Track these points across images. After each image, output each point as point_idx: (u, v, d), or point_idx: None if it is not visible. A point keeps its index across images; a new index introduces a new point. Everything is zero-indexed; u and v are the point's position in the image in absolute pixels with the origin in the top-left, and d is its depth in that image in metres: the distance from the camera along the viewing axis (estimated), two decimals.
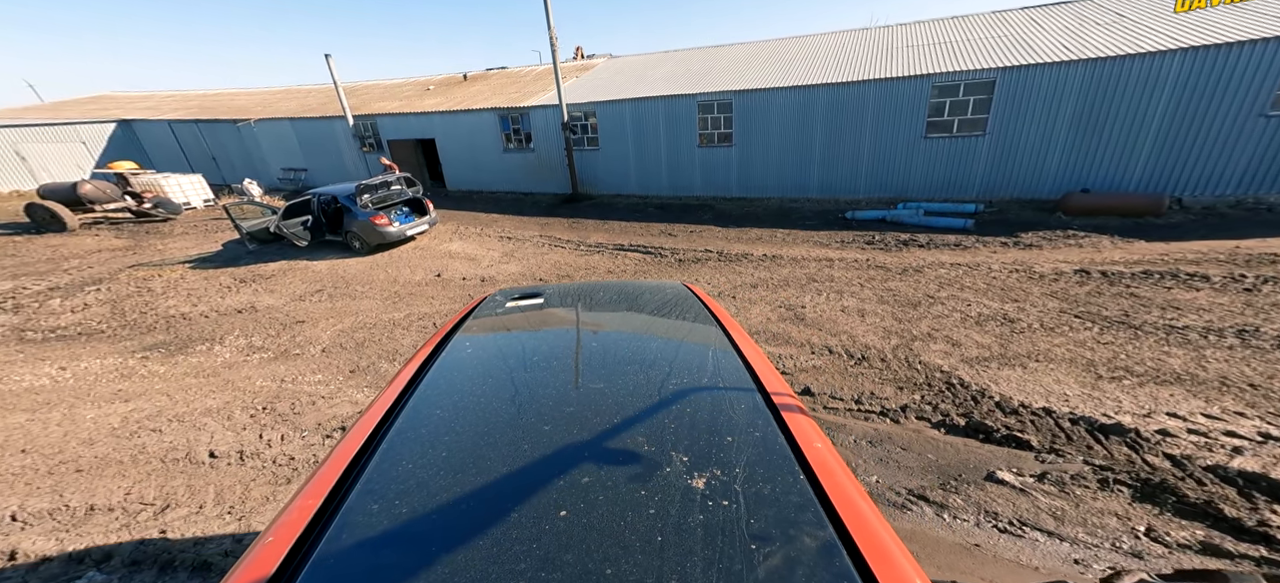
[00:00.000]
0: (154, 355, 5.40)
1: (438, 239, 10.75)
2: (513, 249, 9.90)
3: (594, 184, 14.61)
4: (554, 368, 1.40)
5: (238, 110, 20.26)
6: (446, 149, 16.19)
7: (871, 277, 6.83)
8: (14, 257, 8.98)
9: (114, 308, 6.74)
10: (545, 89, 15.66)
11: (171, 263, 9.02)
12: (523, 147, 15.05)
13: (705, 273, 7.78)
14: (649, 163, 13.68)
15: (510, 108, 14.68)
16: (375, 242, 9.55)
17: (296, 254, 9.60)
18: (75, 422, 3.91)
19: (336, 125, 17.13)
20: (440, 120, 15.75)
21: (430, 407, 1.21)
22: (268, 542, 0.82)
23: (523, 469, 0.96)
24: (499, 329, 1.75)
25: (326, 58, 15.35)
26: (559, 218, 12.51)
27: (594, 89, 14.92)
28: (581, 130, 14.22)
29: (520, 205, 14.19)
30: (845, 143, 11.01)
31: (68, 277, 7.93)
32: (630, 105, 13.23)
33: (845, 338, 5.12)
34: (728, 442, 1.02)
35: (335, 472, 0.98)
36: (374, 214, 9.37)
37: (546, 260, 9.14)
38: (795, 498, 0.86)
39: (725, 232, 10.25)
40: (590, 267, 8.68)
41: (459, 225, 11.91)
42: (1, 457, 3.36)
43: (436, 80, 21.15)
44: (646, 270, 8.29)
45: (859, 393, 4.10)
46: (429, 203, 10.76)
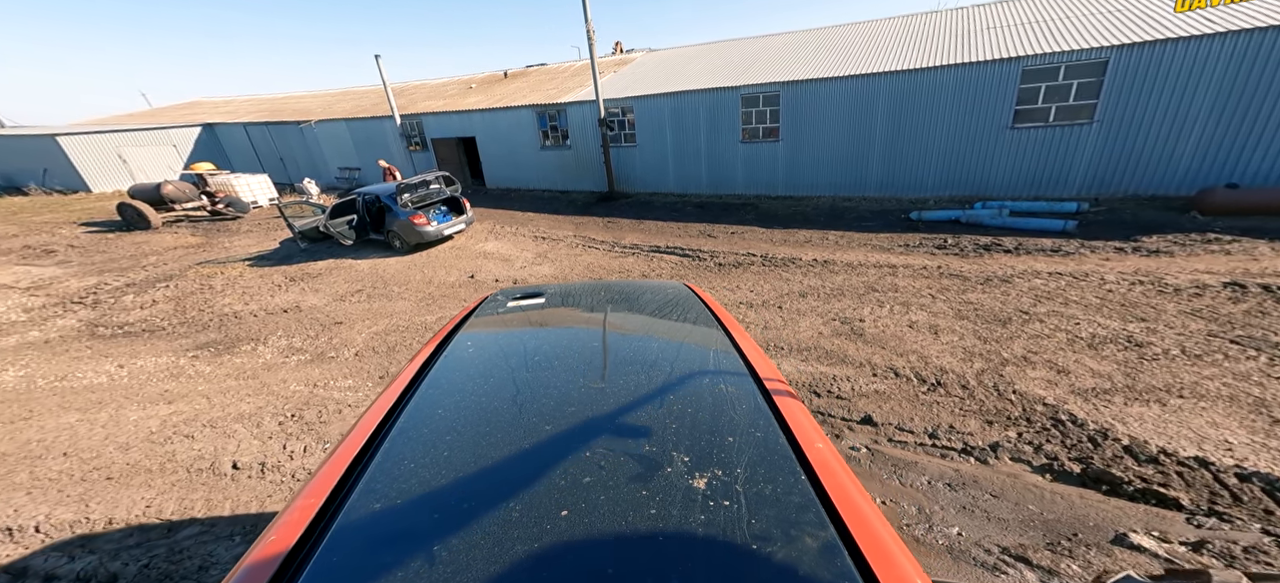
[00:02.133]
0: (203, 355, 5.56)
1: (474, 238, 10.76)
2: (547, 250, 9.69)
3: (631, 182, 14.20)
4: (555, 368, 1.39)
5: (302, 112, 21.62)
6: (486, 147, 16.37)
7: (944, 287, 5.95)
8: (103, 253, 9.86)
9: (177, 305, 7.12)
10: (582, 85, 15.41)
11: (234, 261, 9.54)
12: (559, 144, 14.89)
13: (747, 279, 7.14)
14: (688, 160, 13.07)
15: (547, 104, 14.55)
16: (414, 241, 9.65)
17: (343, 252, 9.89)
18: (119, 424, 3.98)
19: (386, 125, 17.80)
20: (480, 118, 15.92)
21: (432, 406, 1.21)
22: (270, 540, 0.82)
23: (524, 469, 0.96)
24: (500, 329, 1.75)
25: (376, 59, 15.91)
26: (594, 217, 12.22)
27: (631, 84, 14.48)
28: (618, 126, 13.84)
29: (556, 204, 14.05)
30: (911, 136, 9.90)
31: (144, 273, 8.55)
32: (669, 100, 12.68)
33: (914, 358, 4.40)
34: (729, 442, 1.01)
35: (337, 471, 0.97)
36: (413, 214, 9.46)
37: (579, 262, 8.84)
38: (796, 498, 0.86)
39: (770, 233, 9.51)
40: (624, 270, 8.27)
41: (495, 224, 11.91)
42: (45, 459, 3.42)
43: (478, 79, 21.55)
44: (683, 275, 7.76)
45: (934, 425, 3.48)
46: (466, 202, 10.78)
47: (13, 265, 8.65)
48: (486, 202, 14.76)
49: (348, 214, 9.87)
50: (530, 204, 14.27)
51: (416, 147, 17.83)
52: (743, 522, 0.81)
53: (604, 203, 13.51)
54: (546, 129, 14.98)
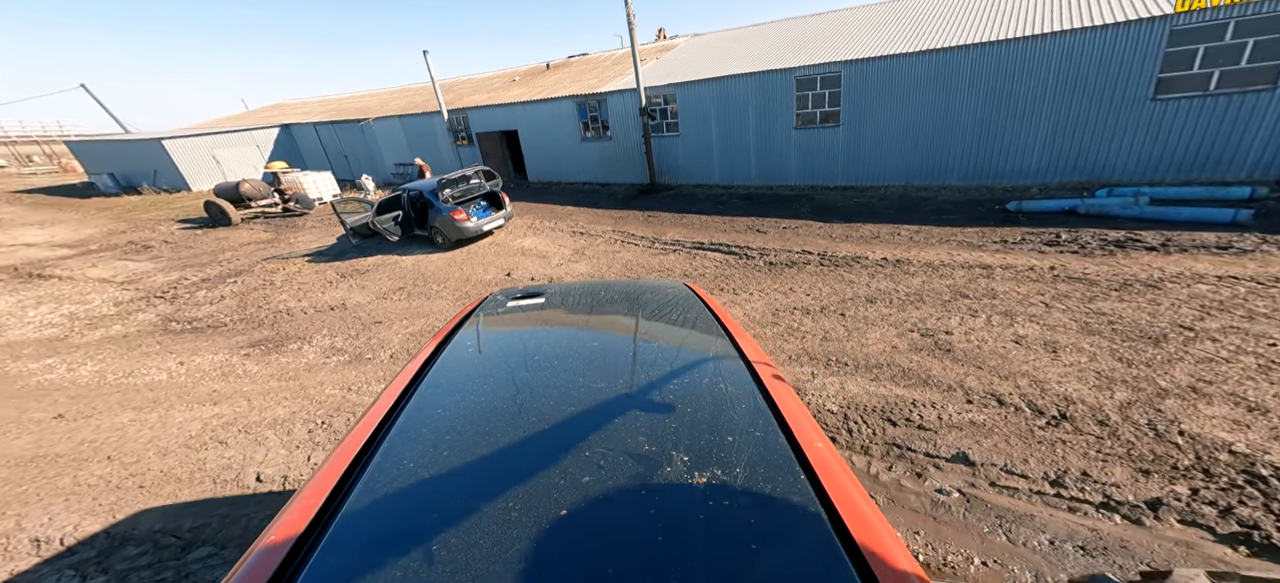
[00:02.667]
0: (254, 353, 5.73)
1: (513, 234, 10.66)
2: (584, 246, 9.35)
3: (673, 174, 13.54)
4: (555, 367, 1.39)
5: (363, 110, 22.88)
6: (528, 140, 16.34)
7: (1063, 293, 4.88)
8: (189, 249, 10.81)
9: (241, 302, 7.52)
10: (623, 73, 14.86)
11: (295, 256, 10.08)
12: (600, 135, 14.50)
13: (802, 281, 6.35)
14: (735, 149, 12.18)
15: (587, 94, 14.16)
16: (455, 237, 9.67)
17: (391, 248, 10.13)
18: (164, 426, 4.07)
19: (434, 120, 18.32)
20: (522, 111, 15.89)
21: (432, 406, 1.21)
22: (271, 540, 0.82)
23: (524, 468, 0.96)
24: (500, 329, 1.76)
25: (424, 55, 16.29)
26: (635, 211, 11.72)
27: (674, 70, 13.72)
28: (660, 116, 13.17)
29: (596, 197, 13.71)
30: (1008, 114, 8.48)
31: (218, 269, 9.21)
32: (714, 85, 11.81)
33: (1026, 383, 3.58)
34: (728, 441, 1.02)
35: (337, 471, 0.97)
36: (453, 210, 9.46)
37: (618, 259, 8.40)
38: (796, 498, 0.85)
39: (829, 228, 8.53)
40: (665, 268, 7.72)
41: (534, 219, 11.76)
42: (91, 462, 3.50)
43: (522, 71, 21.64)
44: (729, 275, 7.08)
45: (1058, 470, 2.80)
46: (505, 197, 10.68)
47: (115, 260, 9.67)
48: (527, 196, 14.74)
49: (394, 210, 10.08)
50: (570, 198, 14.04)
51: (463, 141, 18.21)
52: (742, 522, 0.81)
53: (645, 196, 12.98)
54: (587, 120, 14.63)
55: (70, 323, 6.42)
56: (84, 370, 5.04)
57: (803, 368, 4.36)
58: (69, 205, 17.21)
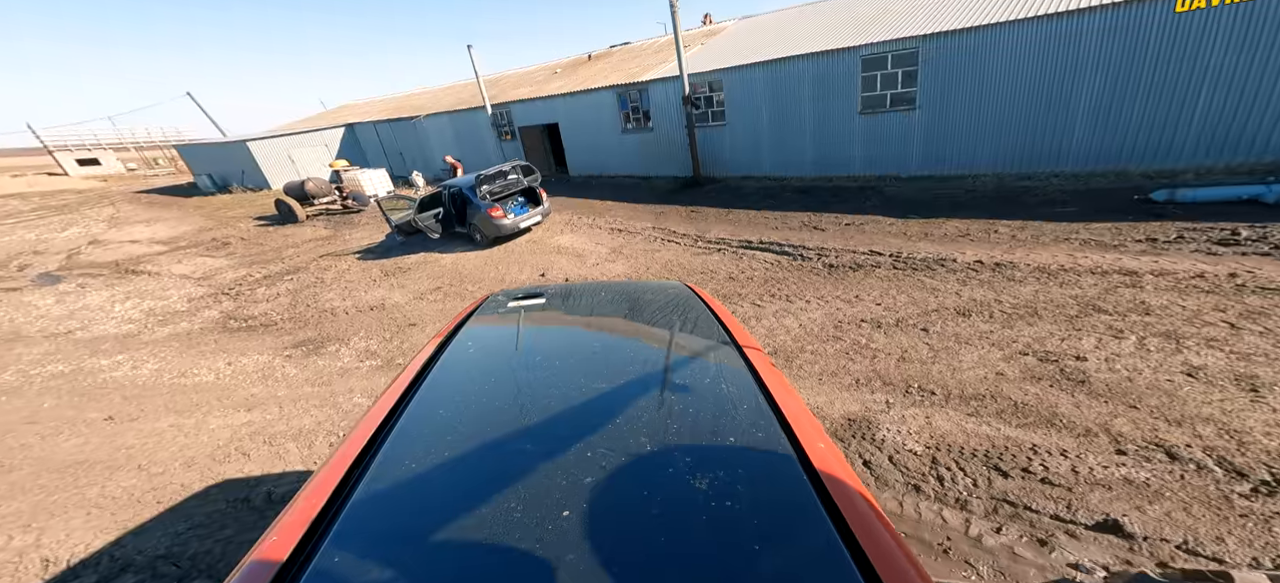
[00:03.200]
0: (295, 356, 5.80)
1: (550, 231, 10.39)
2: (622, 244, 8.85)
3: (719, 166, 12.66)
4: (556, 368, 1.39)
5: (416, 107, 23.85)
6: (568, 132, 16.09)
7: (1256, 310, 3.75)
8: (259, 246, 11.61)
9: (293, 300, 7.80)
10: (666, 61, 14.08)
11: (347, 253, 10.47)
12: (641, 126, 13.88)
13: (872, 287, 5.45)
14: (789, 138, 11.09)
15: (627, 84, 13.57)
16: (492, 234, 9.55)
17: (432, 246, 10.23)
18: (197, 433, 4.09)
19: (479, 116, 18.59)
20: (562, 103, 15.62)
21: (433, 406, 1.21)
22: (271, 541, 0.82)
23: (525, 469, 0.96)
24: (501, 329, 1.75)
25: (468, 49, 16.46)
26: (677, 206, 11.05)
27: (721, 55, 12.75)
28: (705, 104, 12.30)
29: (636, 191, 13.16)
30: (1151, 84, 6.89)
31: (279, 266, 9.74)
32: (765, 70, 10.77)
33: (1212, 432, 2.73)
34: (730, 442, 1.01)
35: (339, 471, 0.97)
36: (491, 207, 9.31)
37: (657, 259, 7.83)
38: (798, 498, 0.85)
39: (902, 224, 7.42)
40: (707, 270, 7.04)
41: (572, 215, 11.44)
42: (123, 471, 3.52)
43: (563, 63, 21.43)
44: (782, 279, 6.29)
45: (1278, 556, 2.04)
46: (543, 193, 10.42)
47: (196, 257, 10.56)
48: (567, 190, 14.49)
49: (435, 208, 10.14)
50: (610, 192, 13.60)
51: (507, 136, 18.34)
52: (744, 522, 0.80)
53: (688, 190, 12.24)
54: (627, 111, 14.06)
55: (146, 319, 6.92)
56: (145, 369, 5.29)
57: (873, 394, 3.60)
58: (174, 204, 19.38)
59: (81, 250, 11.44)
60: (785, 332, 4.89)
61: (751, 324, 5.24)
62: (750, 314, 5.47)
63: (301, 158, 23.68)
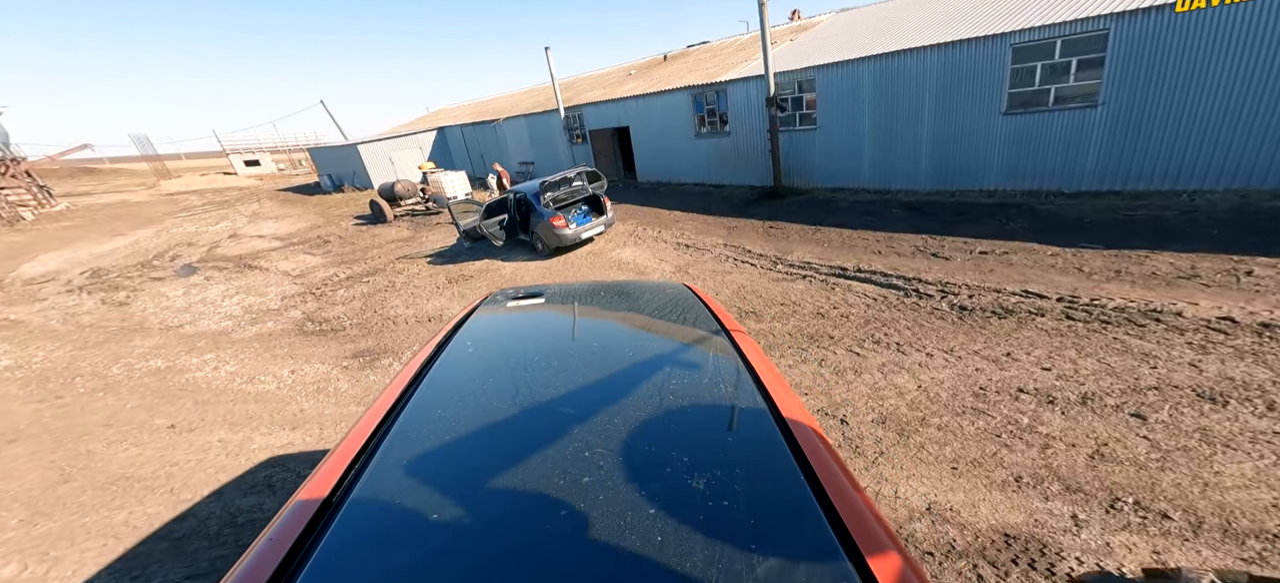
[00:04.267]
0: (351, 367, 5.74)
1: (612, 242, 9.77)
2: (689, 262, 7.91)
3: (805, 174, 11.14)
4: (555, 367, 1.39)
5: (496, 111, 25.03)
6: (638, 136, 15.48)
7: None
8: (352, 245, 12.56)
9: (364, 304, 8.04)
10: (748, 60, 12.79)
11: (421, 256, 10.82)
12: (716, 130, 12.78)
13: (1032, 341, 4.05)
14: (898, 144, 9.32)
15: (704, 85, 12.53)
16: (553, 244, 9.16)
17: (496, 253, 10.16)
18: (239, 454, 4.00)
19: (553, 119, 18.77)
20: (634, 105, 15.03)
21: (432, 406, 1.21)
22: (270, 540, 0.81)
23: (523, 469, 0.96)
24: (500, 328, 1.76)
25: (546, 51, 16.54)
26: (753, 219, 9.83)
27: (813, 51, 11.19)
28: (792, 106, 10.85)
29: (708, 201, 12.11)
30: None
31: (361, 267, 10.31)
32: (871, 65, 9.12)
33: None
34: (728, 442, 1.03)
35: (337, 471, 0.96)
36: (553, 215, 8.92)
37: (727, 283, 6.78)
38: (795, 498, 0.86)
39: (1074, 256, 5.63)
40: (789, 301, 5.87)
41: (637, 226, 10.73)
42: (154, 495, 3.43)
43: (638, 64, 20.93)
44: (891, 320, 4.99)
45: None
46: (608, 201, 9.83)
47: (299, 254, 11.65)
48: (635, 197, 13.86)
49: (500, 214, 10.03)
50: (679, 201, 12.70)
51: (578, 139, 18.29)
52: (742, 522, 0.81)
53: (766, 201, 10.92)
54: (702, 114, 13.03)
55: (242, 315, 7.49)
56: (223, 371, 5.50)
57: (1049, 503, 2.47)
58: (300, 202, 22.29)
59: (220, 244, 13.28)
60: (897, 394, 3.64)
61: (846, 378, 4.05)
62: (845, 364, 4.26)
63: (399, 160, 26.02)
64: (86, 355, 5.93)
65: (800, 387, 4.08)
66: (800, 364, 4.46)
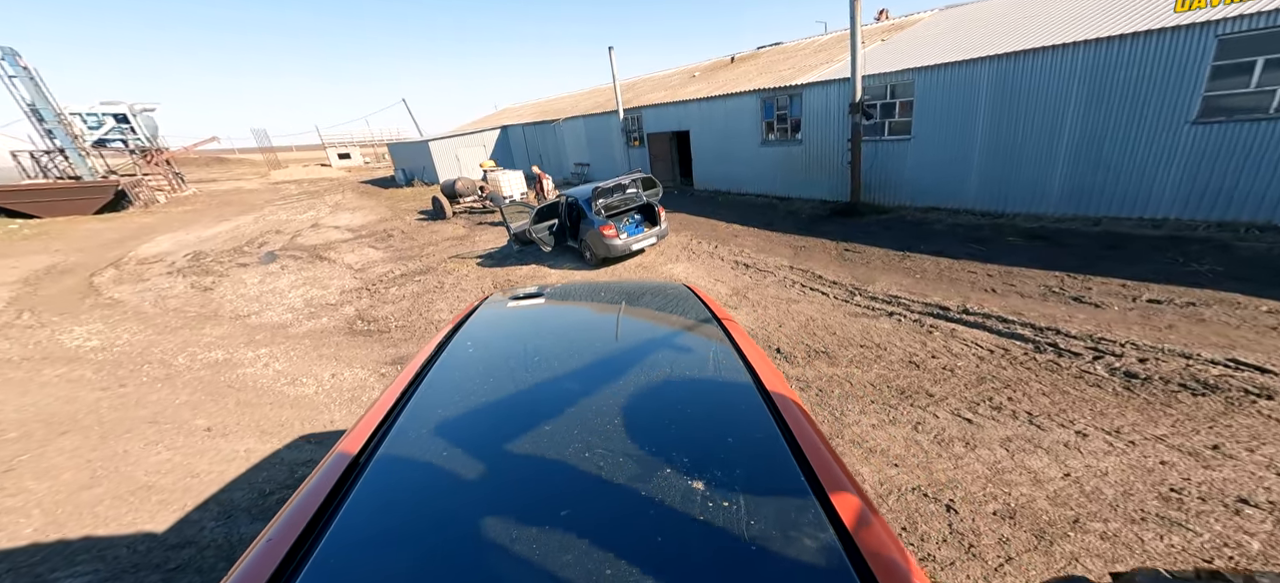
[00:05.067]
0: (388, 374, 5.55)
1: (663, 255, 9.09)
2: (749, 285, 7.03)
3: (890, 190, 9.76)
4: (555, 368, 1.40)
5: (557, 111, 25.32)
6: (699, 141, 14.67)
7: None
8: (411, 241, 12.96)
9: (412, 305, 8.00)
10: (828, 62, 11.53)
11: (472, 257, 10.82)
12: (786, 138, 11.65)
13: (1267, 436, 2.81)
14: (1023, 158, 7.83)
15: (776, 88, 11.45)
16: (601, 254, 8.66)
17: (544, 259, 9.85)
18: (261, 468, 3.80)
19: (612, 120, 18.45)
20: (696, 109, 14.24)
21: (432, 406, 1.21)
22: (270, 540, 0.81)
23: (524, 469, 0.97)
24: (501, 329, 1.77)
25: (609, 50, 16.22)
26: (824, 238, 8.70)
27: (911, 51, 9.78)
28: (881, 113, 9.51)
29: (771, 215, 11.04)
30: None
31: (415, 264, 10.48)
32: (992, 67, 7.71)
33: None
34: (728, 442, 1.03)
35: (337, 471, 0.96)
36: (604, 224, 8.41)
37: (794, 315, 5.85)
38: (795, 498, 0.86)
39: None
40: (872, 342, 4.92)
41: (691, 239, 9.95)
42: (164, 513, 3.21)
43: (703, 66, 20.06)
44: (1018, 383, 4.05)
45: None
46: (662, 212, 9.15)
47: (365, 247, 12.18)
48: (690, 206, 13.07)
49: (551, 219, 9.72)
50: (738, 213, 11.73)
51: (636, 142, 17.83)
52: (742, 522, 0.81)
53: (841, 218, 9.69)
54: (771, 119, 11.96)
55: (303, 308, 7.71)
56: (271, 370, 5.51)
57: None
58: (376, 195, 23.95)
59: (302, 232, 14.34)
60: (1032, 481, 2.80)
61: (953, 451, 3.26)
62: (951, 432, 3.42)
63: (464, 157, 27.16)
64: (161, 342, 6.26)
65: (889, 455, 3.27)
66: (887, 425, 3.61)
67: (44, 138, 21.70)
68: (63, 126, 21.57)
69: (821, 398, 4.15)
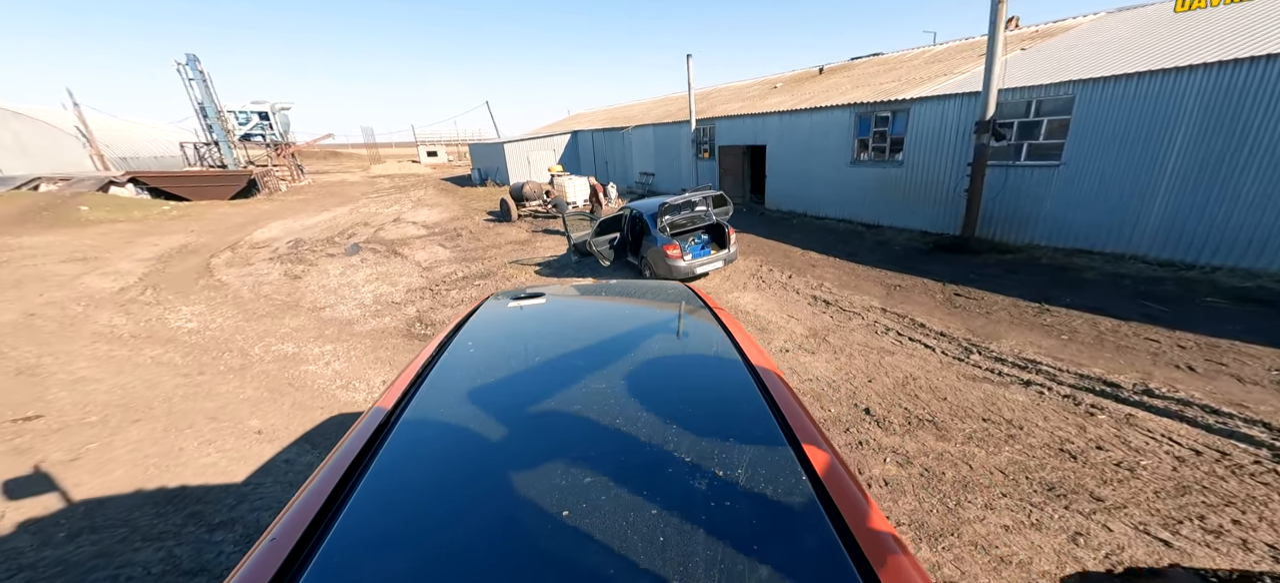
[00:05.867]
0: None
1: (729, 280, 8.25)
2: (830, 326, 6.01)
3: (1018, 225, 8.13)
4: (557, 368, 1.40)
5: (627, 118, 25.29)
6: (775, 157, 13.56)
7: None
8: (477, 242, 13.26)
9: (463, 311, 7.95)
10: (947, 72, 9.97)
11: (530, 264, 10.75)
12: (882, 158, 10.26)
13: None
14: (1240, 195, 6.22)
15: (877, 102, 10.12)
16: (662, 274, 8.02)
17: (601, 273, 9.44)
18: (293, 486, 3.56)
19: (682, 130, 17.86)
20: (776, 122, 13.16)
21: (433, 407, 1.22)
22: (272, 541, 0.82)
23: (525, 469, 0.97)
24: (502, 329, 1.78)
25: (687, 58, 15.66)
26: (925, 278, 7.36)
27: (1070, 61, 8.09)
28: (1017, 133, 7.92)
29: (856, 245, 9.73)
30: None
31: (477, 267, 10.58)
32: (1206, 77, 6.10)
33: None
34: (729, 442, 1.02)
35: (338, 472, 0.97)
36: (668, 242, 7.80)
37: (887, 369, 4.83)
38: (797, 498, 0.86)
39: None
40: (999, 419, 3.96)
41: (761, 264, 8.99)
42: (191, 525, 3.01)
43: (786, 77, 18.80)
44: (1255, 500, 2.61)
45: None
46: (732, 233, 8.33)
47: (435, 245, 12.67)
48: (761, 227, 12.03)
49: (612, 232, 9.30)
50: (818, 239, 10.52)
51: (705, 154, 17.08)
52: (743, 522, 0.81)
53: (947, 254, 8.20)
54: (867, 137, 10.62)
55: (371, 305, 7.95)
56: (330, 370, 5.55)
57: None
58: (454, 192, 25.51)
59: (385, 226, 15.40)
60: None
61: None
62: (1135, 550, 2.77)
63: (535, 159, 28.06)
64: (246, 329, 6.66)
65: (1032, 569, 2.55)
66: (1028, 529, 2.78)
67: (205, 131, 25.92)
68: (220, 122, 25.61)
69: (929, 481, 3.23)
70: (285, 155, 30.25)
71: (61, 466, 3.61)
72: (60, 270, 9.70)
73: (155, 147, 34.04)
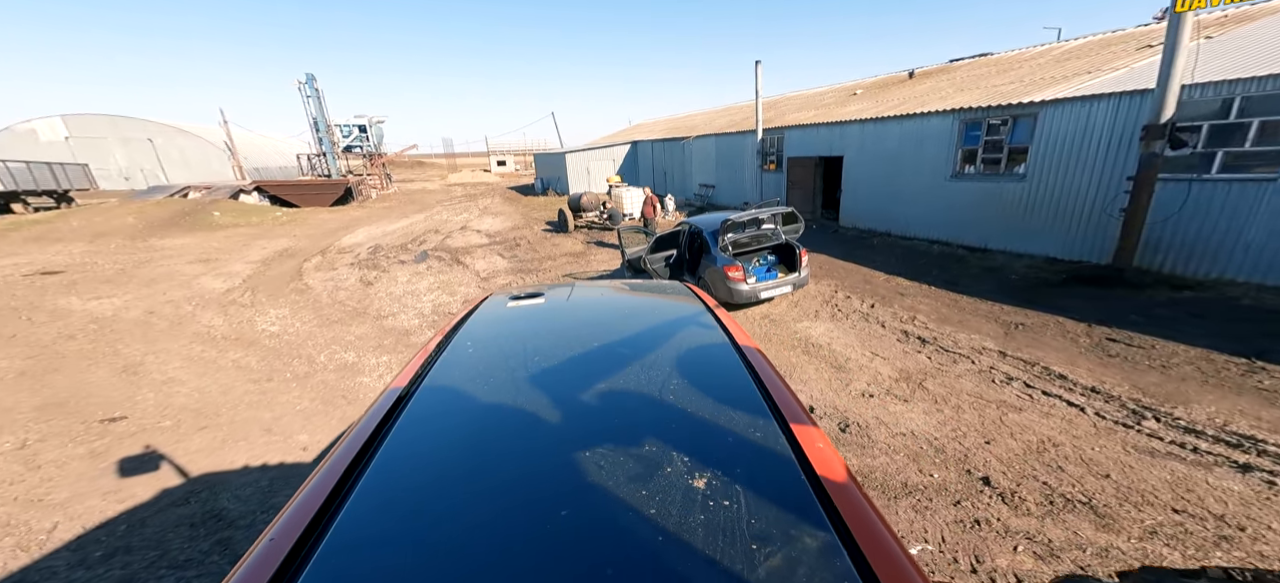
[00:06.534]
0: None
1: (798, 307, 7.31)
2: (927, 369, 4.97)
3: (1201, 255, 6.43)
4: (556, 368, 1.41)
5: (689, 128, 24.72)
6: (854, 170, 12.21)
7: None
8: (533, 252, 13.33)
9: None
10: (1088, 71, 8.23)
11: (583, 278, 10.50)
12: (996, 171, 8.71)
13: None
14: None
15: (993, 106, 8.59)
16: (722, 297, 7.28)
17: None
18: None
19: (747, 140, 16.93)
20: (856, 131, 11.86)
21: (431, 407, 1.22)
22: (270, 541, 0.82)
23: (524, 468, 0.98)
24: (501, 329, 1.78)
25: (755, 65, 14.79)
26: (1061, 315, 5.99)
27: (1273, 50, 6.18)
28: (1207, 139, 6.23)
29: (957, 271, 8.27)
30: None
31: (532, 280, 10.57)
32: None
33: None
34: (729, 442, 1.04)
35: (337, 472, 0.97)
36: (729, 263, 7.07)
37: (1014, 429, 3.83)
38: (797, 498, 0.87)
39: None
40: (1201, 511, 2.91)
41: (836, 289, 7.90)
42: (221, 550, 2.87)
43: (866, 84, 17.15)
44: None
45: None
46: (804, 255, 7.39)
47: (494, 254, 12.94)
48: (834, 247, 10.80)
49: (669, 249, 8.73)
50: (905, 263, 9.15)
51: (771, 166, 16.00)
52: (743, 522, 0.82)
53: (1089, 287, 6.64)
54: (974, 146, 9.10)
55: (430, 314, 8.09)
56: (381, 382, 5.54)
57: None
58: (518, 201, 26.57)
59: (452, 234, 16.17)
60: None
61: None
62: None
63: (594, 169, 28.43)
64: (317, 335, 6.98)
65: None
66: None
67: (316, 143, 29.56)
68: (329, 135, 29.07)
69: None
70: (377, 165, 33.58)
71: (125, 475, 3.74)
72: (185, 270, 11.16)
73: (280, 158, 39.52)
